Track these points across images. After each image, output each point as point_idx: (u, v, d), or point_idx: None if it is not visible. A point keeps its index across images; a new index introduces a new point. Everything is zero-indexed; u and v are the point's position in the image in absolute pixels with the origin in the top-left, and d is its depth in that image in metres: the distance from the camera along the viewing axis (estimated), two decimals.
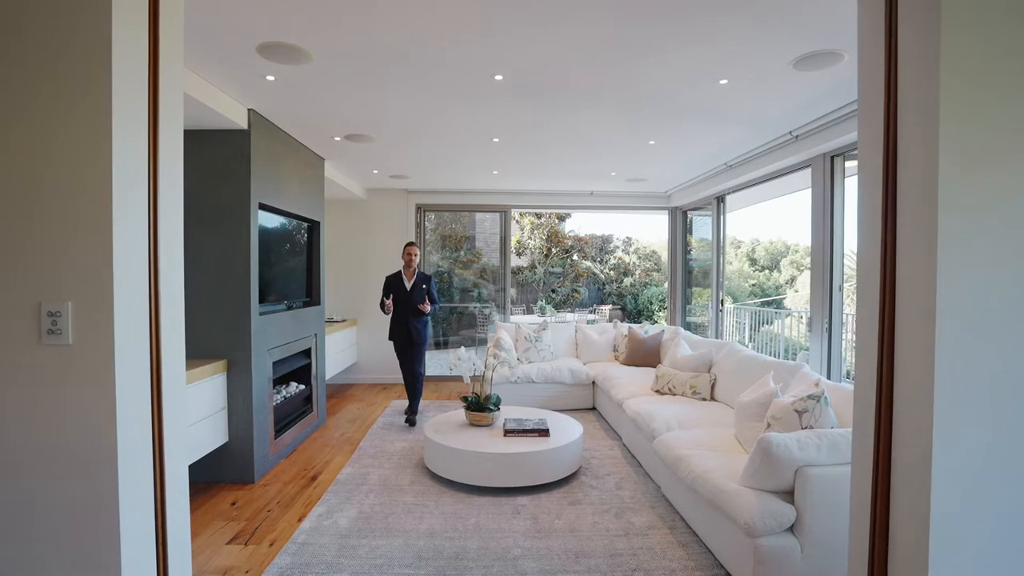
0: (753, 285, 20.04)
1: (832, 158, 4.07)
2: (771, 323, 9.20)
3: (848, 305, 4.52)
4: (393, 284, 5.09)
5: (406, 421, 5.08)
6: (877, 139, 1.54)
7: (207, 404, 3.39)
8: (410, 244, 5.12)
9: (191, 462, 3.19)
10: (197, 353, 3.57)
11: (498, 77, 3.05)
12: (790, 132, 4.16)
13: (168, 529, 1.62)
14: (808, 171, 4.51)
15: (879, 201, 1.51)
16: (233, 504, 3.30)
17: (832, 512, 2.28)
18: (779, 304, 17.15)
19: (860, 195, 1.60)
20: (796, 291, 19.55)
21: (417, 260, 5.10)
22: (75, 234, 1.39)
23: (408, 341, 5.05)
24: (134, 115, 1.49)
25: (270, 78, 3.04)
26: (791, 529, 2.33)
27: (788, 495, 2.39)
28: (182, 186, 1.73)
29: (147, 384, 1.54)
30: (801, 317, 9.38)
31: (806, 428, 2.61)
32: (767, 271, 21.58)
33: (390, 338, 5.12)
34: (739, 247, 19.69)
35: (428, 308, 5.01)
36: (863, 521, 1.62)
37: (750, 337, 8.49)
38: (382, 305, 4.97)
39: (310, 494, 3.47)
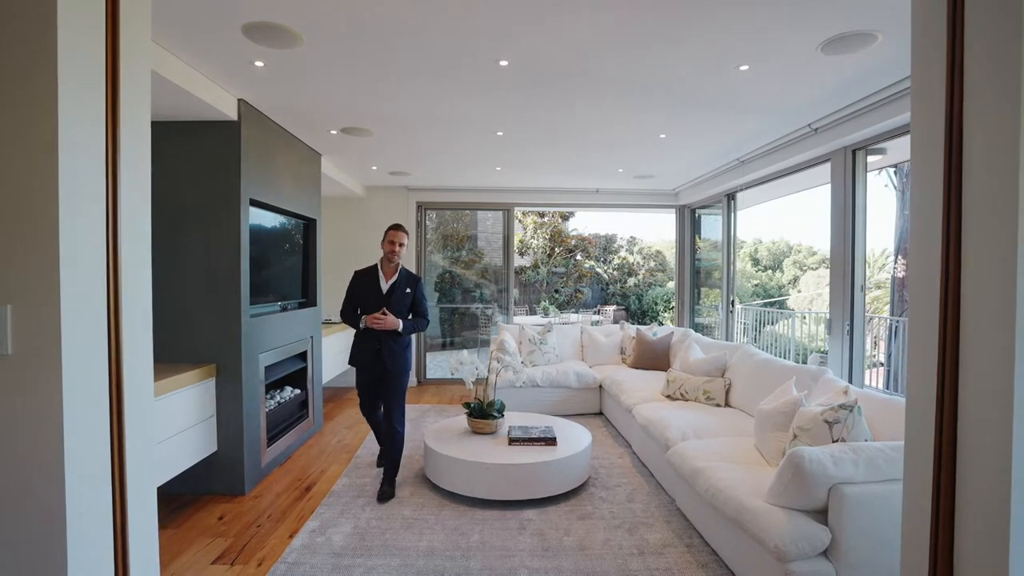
0: (756, 285, 19.85)
1: (854, 152, 3.87)
2: (775, 323, 9.01)
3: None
4: (363, 284, 3.52)
5: (380, 495, 3.37)
6: (937, 114, 1.34)
7: (194, 412, 3.19)
8: (395, 228, 3.51)
9: (175, 474, 3.00)
10: (184, 357, 3.38)
11: (503, 63, 2.85)
12: (809, 125, 3.95)
13: (131, 564, 1.42)
14: (825, 166, 4.31)
15: (939, 185, 1.31)
16: (221, 519, 3.10)
17: (871, 535, 2.07)
18: (782, 304, 16.96)
19: (914, 180, 1.40)
20: (799, 291, 19.37)
21: (403, 252, 3.53)
22: (14, 229, 1.20)
23: (378, 369, 3.46)
24: (86, 93, 1.29)
25: (259, 64, 2.85)
26: (825, 553, 2.13)
27: (820, 515, 2.19)
28: (149, 175, 1.53)
29: (104, 398, 1.34)
30: (804, 317, 9.16)
31: (837, 441, 2.41)
32: (770, 271, 21.40)
33: (351, 362, 3.57)
34: (741, 247, 19.53)
35: (399, 325, 3.40)
36: (919, 552, 1.42)
37: (753, 338, 8.30)
38: (347, 316, 3.53)
39: (303, 507, 3.28)
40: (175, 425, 3.02)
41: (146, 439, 1.52)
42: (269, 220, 4.06)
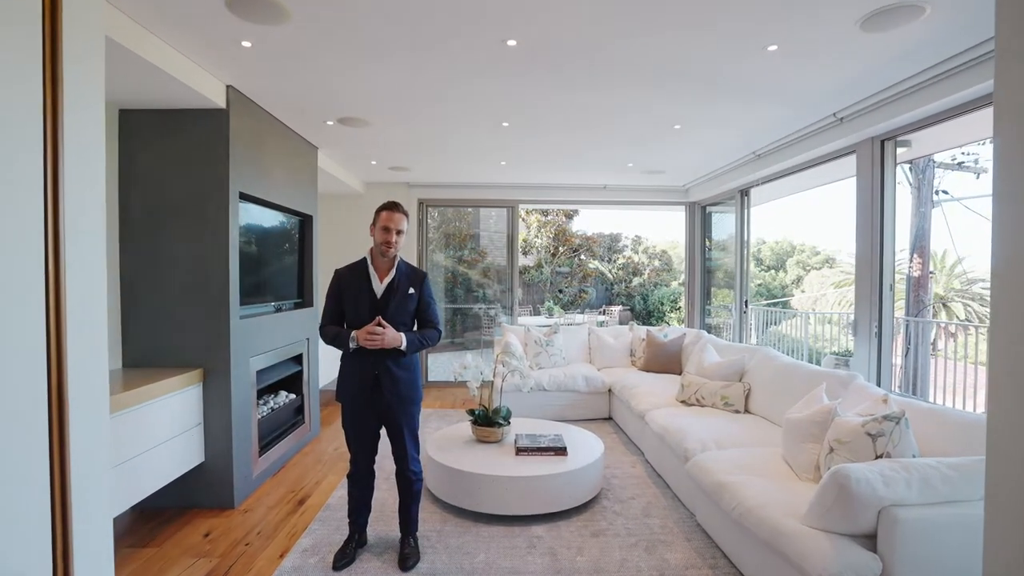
0: (759, 285, 19.65)
1: (882, 142, 3.63)
2: (779, 323, 8.79)
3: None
4: (350, 286, 2.58)
5: (402, 563, 2.54)
6: None
7: (178, 420, 2.97)
8: (390, 207, 2.55)
9: (157, 488, 2.78)
10: (168, 362, 3.16)
11: (511, 43, 2.62)
12: (834, 114, 3.72)
13: None
14: (847, 160, 4.08)
15: None
16: (206, 536, 2.88)
17: (928, 565, 1.85)
18: (785, 304, 16.76)
19: (1001, 158, 1.18)
20: (803, 291, 19.15)
21: (402, 242, 2.58)
22: None
23: (378, 406, 2.55)
24: (14, 64, 1.08)
25: (245, 44, 2.63)
26: None
27: (867, 540, 1.96)
28: (103, 162, 1.31)
29: (40, 416, 1.12)
30: (809, 317, 8.92)
31: (881, 456, 2.18)
32: (773, 271, 21.21)
33: (339, 397, 2.60)
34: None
35: (402, 341, 2.47)
36: None
37: (756, 339, 8.09)
38: (329, 333, 2.55)
39: (296, 522, 3.06)
40: (157, 435, 2.80)
41: (98, 462, 1.30)
42: (262, 216, 3.84)
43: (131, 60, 2.46)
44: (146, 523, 3.00)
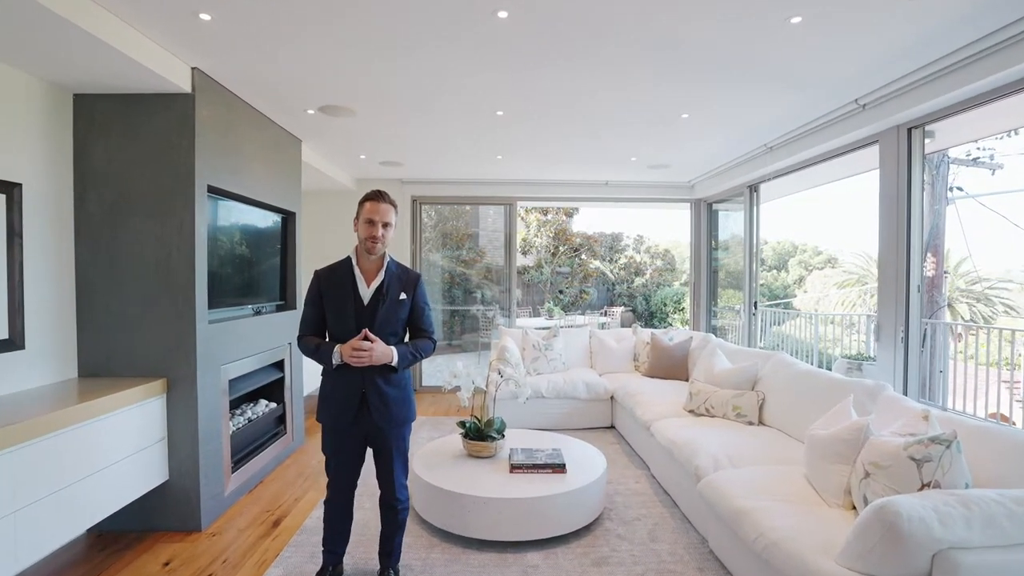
0: (760, 285, 19.40)
1: (909, 131, 3.35)
2: (781, 324, 8.51)
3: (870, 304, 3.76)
4: (332, 290, 2.25)
5: None
6: None
7: (136, 436, 2.69)
8: (374, 197, 2.24)
9: (112, 512, 2.51)
10: (126, 371, 2.89)
11: (502, 14, 2.34)
12: (855, 100, 3.43)
13: None
14: (869, 151, 3.79)
15: None
16: (167, 565, 2.60)
17: None
18: (787, 305, 16.51)
19: None
20: (805, 291, 18.88)
21: (390, 237, 2.27)
22: None
23: (364, 427, 2.25)
24: None
25: (204, 16, 2.34)
26: None
27: None
28: None
29: None
30: (816, 318, 8.64)
31: (929, 486, 1.89)
32: (775, 271, 20.95)
33: (319, 418, 2.28)
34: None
35: (393, 356, 2.18)
36: None
37: (761, 341, 7.82)
38: (309, 344, 2.24)
39: (268, 547, 2.77)
40: (114, 452, 2.53)
41: None
42: (238, 212, 3.56)
43: (78, 36, 2.18)
44: (101, 550, 2.72)
